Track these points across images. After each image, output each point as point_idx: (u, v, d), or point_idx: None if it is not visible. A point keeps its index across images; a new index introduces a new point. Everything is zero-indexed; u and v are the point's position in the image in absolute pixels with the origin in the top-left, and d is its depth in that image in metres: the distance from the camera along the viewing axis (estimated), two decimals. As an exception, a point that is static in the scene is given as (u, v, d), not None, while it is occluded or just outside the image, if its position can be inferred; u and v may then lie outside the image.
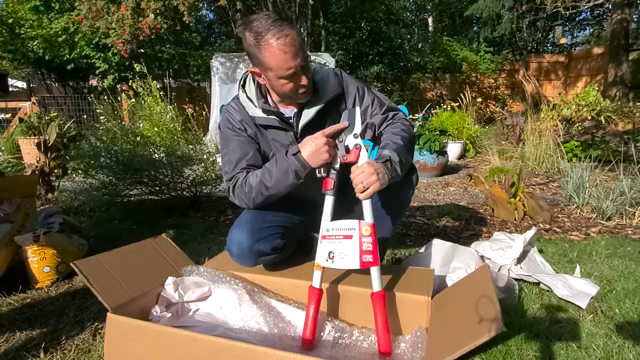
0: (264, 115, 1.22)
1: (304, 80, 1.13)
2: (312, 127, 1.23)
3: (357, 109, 1.14)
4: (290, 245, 1.34)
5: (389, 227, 1.34)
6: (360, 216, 1.06)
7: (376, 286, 1.03)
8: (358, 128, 1.09)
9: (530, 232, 1.60)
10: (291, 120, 1.24)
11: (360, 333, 1.12)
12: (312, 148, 1.09)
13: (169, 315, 1.19)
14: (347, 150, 1.10)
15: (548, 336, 1.14)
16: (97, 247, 1.89)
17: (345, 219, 1.07)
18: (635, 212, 2.30)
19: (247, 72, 1.28)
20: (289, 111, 1.25)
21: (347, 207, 1.34)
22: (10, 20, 8.60)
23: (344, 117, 1.14)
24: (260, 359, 0.87)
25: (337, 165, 1.10)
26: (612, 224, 2.28)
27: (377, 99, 1.30)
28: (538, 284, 1.47)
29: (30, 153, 4.43)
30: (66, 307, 1.41)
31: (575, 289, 1.38)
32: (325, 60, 5.09)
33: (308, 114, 1.22)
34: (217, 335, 0.97)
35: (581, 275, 1.54)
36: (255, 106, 1.23)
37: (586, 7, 5.51)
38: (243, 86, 1.28)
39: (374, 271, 1.03)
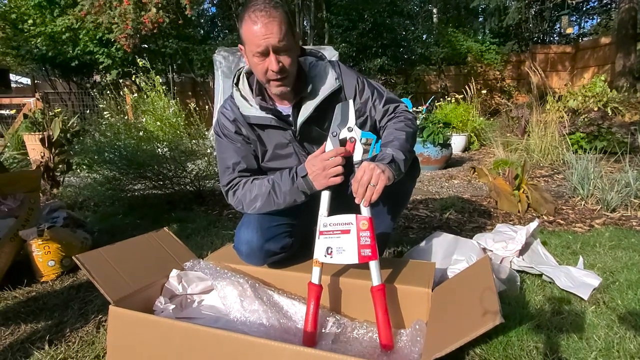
0: (260, 114, 1.18)
1: (273, 65, 1.06)
2: (311, 123, 1.20)
3: (350, 102, 1.10)
4: (297, 242, 1.33)
5: (389, 222, 1.32)
6: (357, 211, 1.04)
7: (375, 280, 1.03)
8: (352, 121, 1.07)
9: (533, 224, 1.59)
10: (289, 118, 1.20)
11: (362, 327, 1.12)
12: (319, 170, 1.06)
13: (172, 306, 1.20)
14: (342, 143, 1.07)
15: (549, 327, 1.14)
16: (102, 242, 1.91)
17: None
18: (640, 204, 2.28)
19: (240, 69, 1.25)
20: (286, 108, 1.22)
21: (343, 203, 1.30)
22: (13, 16, 8.59)
23: (337, 111, 1.10)
24: (260, 351, 0.88)
25: None
26: (617, 215, 2.26)
27: (377, 91, 1.27)
28: (540, 275, 1.47)
29: (35, 149, 4.46)
30: (70, 300, 1.43)
31: (578, 280, 1.38)
32: (327, 52, 5.04)
33: (306, 110, 1.18)
34: (218, 328, 0.97)
35: (584, 267, 1.53)
36: (251, 105, 1.19)
37: (593, -5, 5.41)
38: (237, 84, 1.24)
39: (373, 265, 1.02)
